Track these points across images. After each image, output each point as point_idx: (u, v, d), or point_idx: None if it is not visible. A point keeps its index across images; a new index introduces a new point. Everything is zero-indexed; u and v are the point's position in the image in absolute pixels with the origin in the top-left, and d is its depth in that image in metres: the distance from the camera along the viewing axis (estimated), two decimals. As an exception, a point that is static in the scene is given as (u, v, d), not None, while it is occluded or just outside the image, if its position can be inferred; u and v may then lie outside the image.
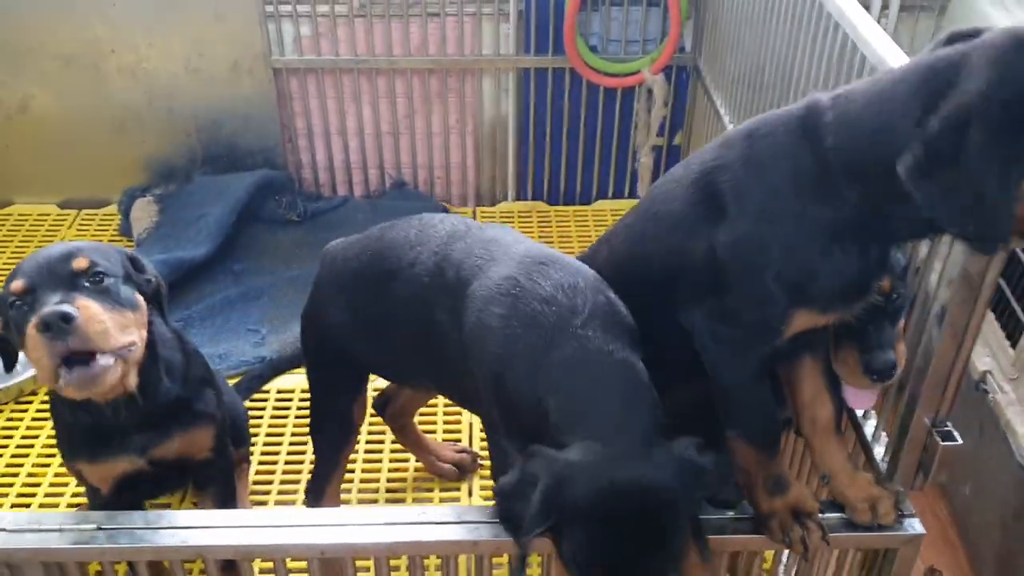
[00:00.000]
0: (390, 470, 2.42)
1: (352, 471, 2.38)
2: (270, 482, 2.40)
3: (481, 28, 3.20)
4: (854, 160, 1.34)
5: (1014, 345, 2.36)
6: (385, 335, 1.79)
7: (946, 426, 1.55)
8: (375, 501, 2.35)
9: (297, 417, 2.57)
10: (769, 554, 2.13)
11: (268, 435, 2.52)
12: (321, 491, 2.07)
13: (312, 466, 2.11)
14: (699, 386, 1.54)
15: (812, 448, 1.64)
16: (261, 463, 2.44)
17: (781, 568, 2.11)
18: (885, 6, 3.20)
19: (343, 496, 2.23)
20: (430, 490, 2.37)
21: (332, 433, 2.03)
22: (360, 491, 2.37)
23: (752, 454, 1.52)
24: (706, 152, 1.54)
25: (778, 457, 1.53)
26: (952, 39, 1.33)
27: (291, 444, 2.50)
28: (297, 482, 2.39)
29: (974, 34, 1.31)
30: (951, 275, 1.41)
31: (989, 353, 2.47)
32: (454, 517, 1.56)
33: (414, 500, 2.34)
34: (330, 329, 1.90)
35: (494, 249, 1.59)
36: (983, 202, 1.22)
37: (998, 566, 2.51)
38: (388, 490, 2.38)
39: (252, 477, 2.40)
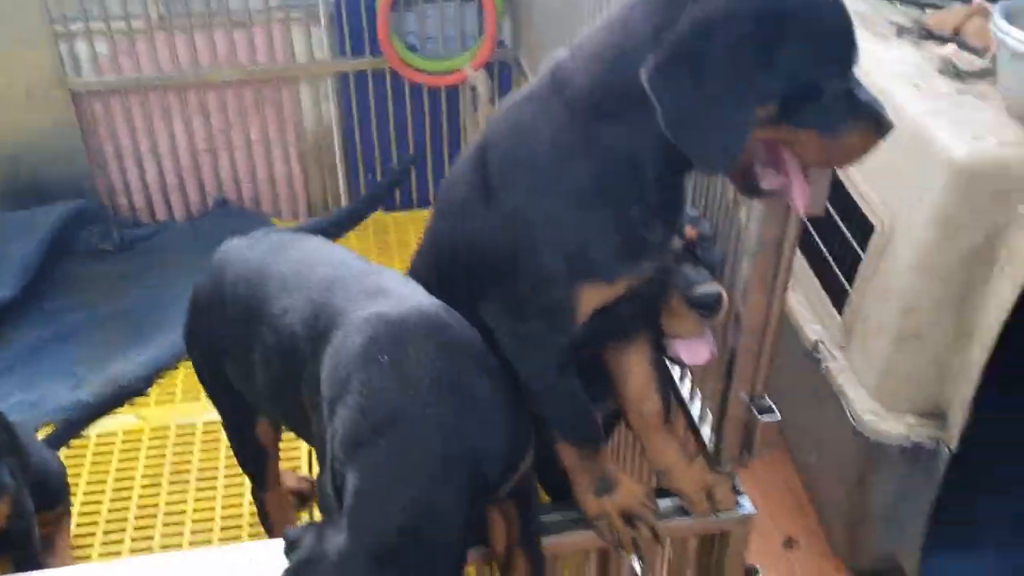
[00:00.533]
0: (223, 506, 2.29)
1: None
2: (92, 533, 2.23)
3: (291, 34, 3.08)
4: (599, 95, 1.30)
5: (841, 311, 2.40)
6: (245, 368, 1.65)
7: (764, 400, 1.53)
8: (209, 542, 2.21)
9: (120, 461, 2.41)
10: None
11: (89, 483, 2.35)
12: (263, 512, 2.00)
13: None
14: None
15: (643, 443, 1.60)
16: (83, 514, 2.27)
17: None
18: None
19: (175, 539, 2.11)
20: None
21: (247, 455, 1.94)
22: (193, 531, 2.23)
23: (572, 453, 1.46)
24: (484, 129, 1.48)
25: (601, 456, 1.48)
26: None
27: (114, 491, 2.33)
28: (123, 530, 2.23)
29: None
30: (750, 248, 1.39)
31: (818, 321, 2.51)
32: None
33: (250, 536, 2.22)
34: (208, 353, 1.78)
35: (381, 303, 1.42)
36: (714, 118, 1.20)
37: (846, 530, 2.55)
38: (223, 528, 2.25)
39: (74, 529, 2.22)
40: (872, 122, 1.29)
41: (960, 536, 2.57)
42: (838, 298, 2.43)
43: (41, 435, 2.40)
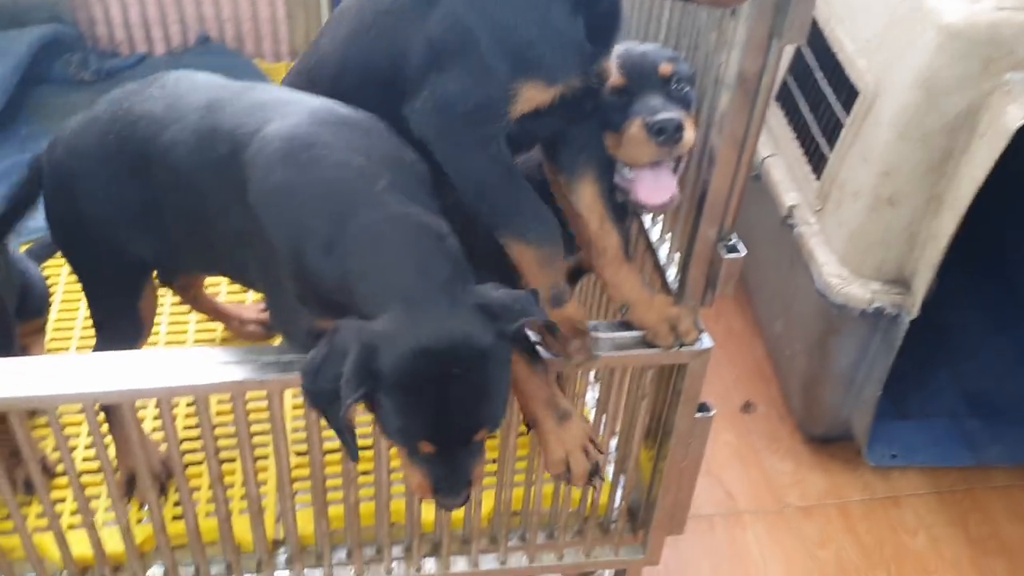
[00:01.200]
0: (195, 341, 2.31)
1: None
2: (66, 349, 2.26)
3: None
4: None
5: (819, 177, 2.41)
6: (154, 226, 1.57)
7: (731, 239, 1.55)
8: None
9: (94, 283, 2.42)
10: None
11: (64, 302, 2.36)
12: None
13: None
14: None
15: (605, 280, 1.62)
16: (55, 330, 2.29)
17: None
18: None
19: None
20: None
21: (120, 335, 1.76)
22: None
23: (530, 256, 1.46)
24: None
25: (559, 261, 1.49)
26: None
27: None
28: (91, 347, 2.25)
29: None
30: (729, 80, 1.39)
31: (796, 187, 2.52)
32: (237, 358, 1.49)
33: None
34: (90, 223, 1.64)
35: (271, 112, 1.39)
36: None
37: (803, 394, 2.62)
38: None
39: (48, 343, 2.25)
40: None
41: (913, 404, 2.65)
42: (818, 164, 2.44)
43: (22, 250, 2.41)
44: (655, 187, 1.55)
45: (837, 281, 2.28)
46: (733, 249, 1.54)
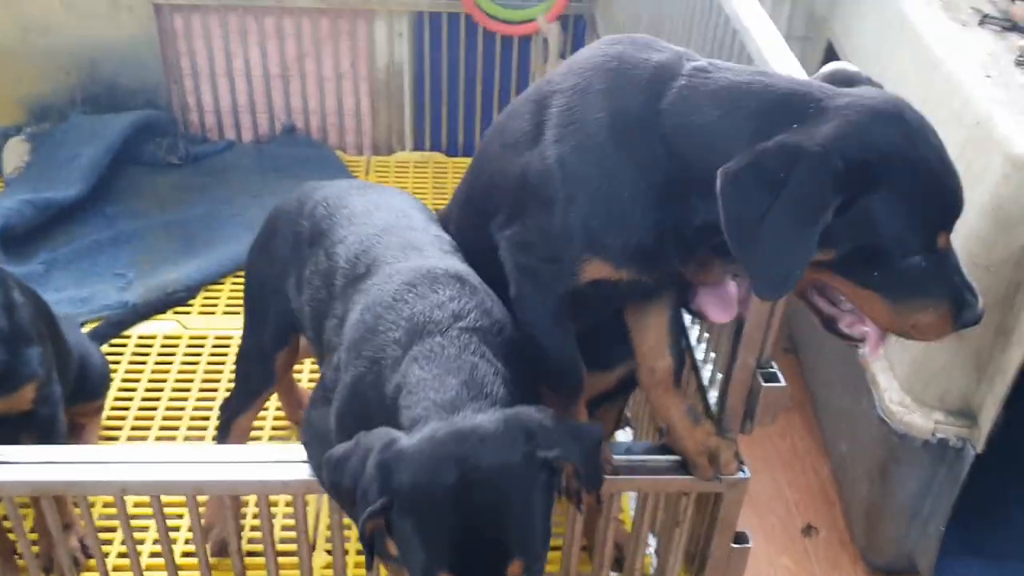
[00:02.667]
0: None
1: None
2: (120, 428, 2.31)
3: (372, -31, 3.10)
4: (680, 137, 1.30)
5: (884, 299, 2.34)
6: (301, 289, 1.73)
7: (771, 367, 1.52)
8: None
9: (156, 364, 2.49)
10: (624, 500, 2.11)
11: (124, 381, 2.43)
12: (227, 426, 1.99)
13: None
14: None
15: (650, 400, 1.60)
16: (112, 410, 2.36)
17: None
18: None
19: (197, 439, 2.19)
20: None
21: (252, 373, 1.94)
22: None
23: (550, 398, 1.47)
24: (555, 72, 1.47)
25: (577, 406, 1.49)
26: (836, 76, 1.37)
27: (146, 391, 2.41)
28: (148, 428, 2.31)
29: (857, 79, 1.36)
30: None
31: (861, 309, 2.45)
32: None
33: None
34: (271, 273, 1.82)
35: (402, 255, 1.53)
36: (779, 242, 1.19)
37: (866, 522, 2.51)
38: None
39: (104, 422, 2.31)
40: (950, 308, 1.28)
41: (981, 542, 2.51)
42: (883, 288, 2.37)
43: (87, 329, 2.50)
44: (719, 302, 1.51)
45: (898, 408, 2.20)
46: (772, 378, 1.51)
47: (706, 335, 1.76)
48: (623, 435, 2.25)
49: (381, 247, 1.54)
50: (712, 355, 1.71)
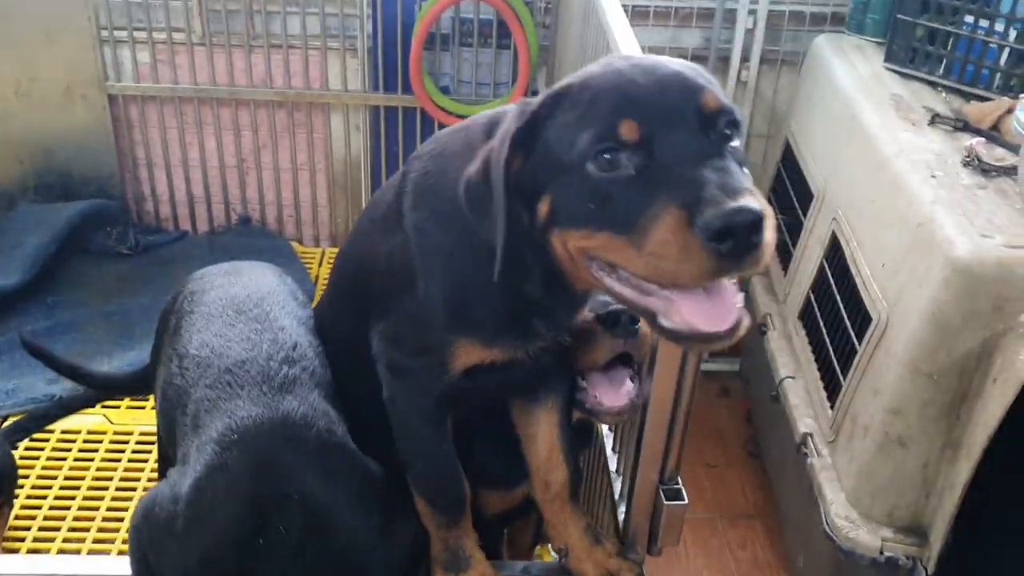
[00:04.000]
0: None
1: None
2: (28, 528, 2.20)
3: (327, 62, 3.09)
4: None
5: (833, 406, 2.24)
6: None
7: (676, 484, 1.41)
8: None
9: (76, 460, 2.38)
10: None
11: (39, 477, 2.33)
12: None
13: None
14: None
15: (546, 518, 1.48)
16: (23, 507, 2.24)
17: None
18: (746, 58, 3.14)
19: (105, 545, 2.13)
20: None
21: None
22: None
23: (430, 516, 1.36)
24: (415, 155, 1.41)
25: (460, 525, 1.37)
26: None
27: (61, 489, 2.30)
28: (58, 528, 2.20)
29: None
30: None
31: (812, 414, 2.35)
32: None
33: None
34: (157, 358, 1.79)
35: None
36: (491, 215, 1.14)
37: (821, 641, 2.35)
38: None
39: (11, 521, 2.19)
40: (679, 212, 0.99)
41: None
42: (833, 391, 2.27)
43: (9, 423, 2.41)
44: (612, 388, 1.42)
45: (845, 524, 2.07)
46: (676, 496, 1.40)
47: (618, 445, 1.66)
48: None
49: (213, 385, 1.41)
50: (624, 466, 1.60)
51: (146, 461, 2.39)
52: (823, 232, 2.49)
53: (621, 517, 1.52)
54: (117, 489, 2.31)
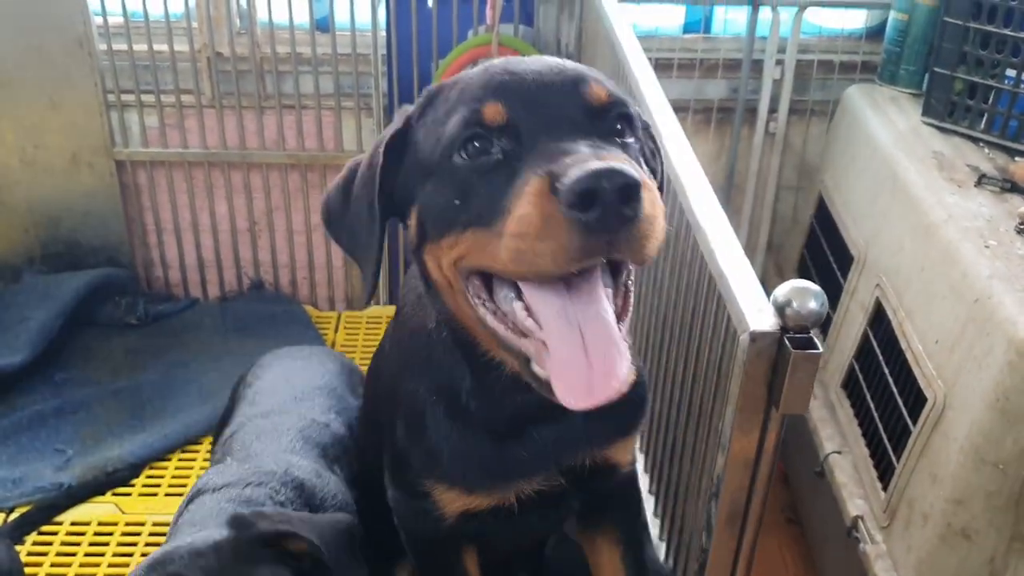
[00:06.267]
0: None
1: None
2: (38, 635, 2.08)
3: (341, 122, 2.99)
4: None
5: (886, 487, 2.11)
6: None
7: (742, 617, 1.29)
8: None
9: (87, 555, 2.26)
10: None
11: (48, 575, 2.21)
12: None
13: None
14: None
15: None
16: (33, 612, 2.13)
17: None
18: (774, 108, 3.04)
19: None
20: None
21: None
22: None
23: None
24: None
25: None
26: None
27: (71, 589, 2.18)
28: (67, 637, 2.08)
29: None
30: (724, 443, 1.16)
31: (862, 494, 2.22)
32: None
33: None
34: None
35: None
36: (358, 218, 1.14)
37: None
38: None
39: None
40: (541, 181, 0.88)
41: None
42: (885, 470, 2.15)
43: (16, 515, 2.30)
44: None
45: (905, 619, 1.94)
46: (743, 630, 1.27)
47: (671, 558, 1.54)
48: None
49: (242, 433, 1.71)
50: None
51: (160, 554, 2.26)
52: (866, 298, 2.38)
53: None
54: (129, 587, 2.18)
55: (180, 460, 2.53)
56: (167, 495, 2.43)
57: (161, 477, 2.49)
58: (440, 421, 1.15)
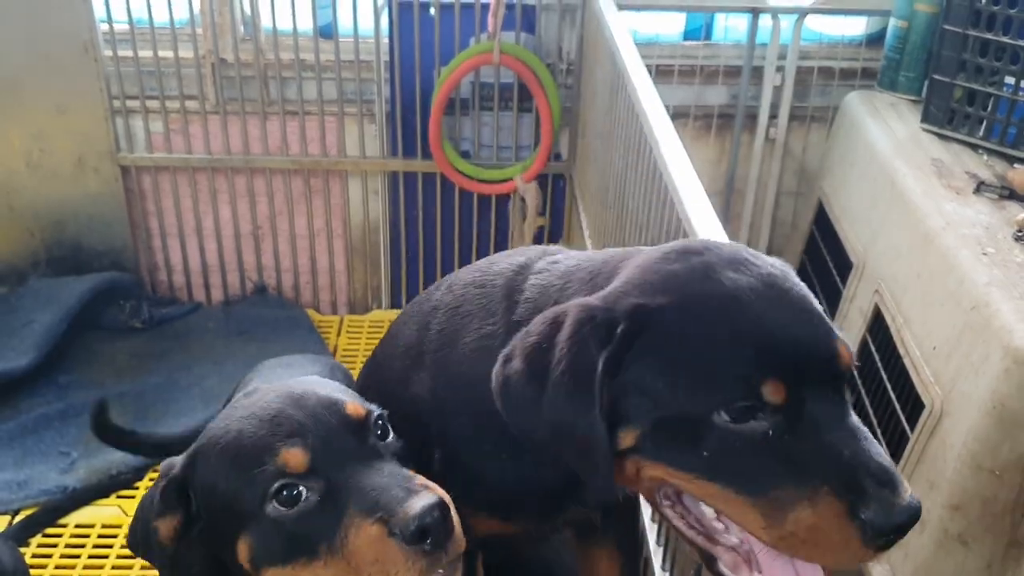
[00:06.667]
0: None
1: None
2: (39, 638, 2.10)
3: (344, 128, 3.01)
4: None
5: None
6: None
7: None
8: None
9: (90, 558, 2.28)
10: None
11: (51, 578, 2.22)
12: None
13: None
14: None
15: None
16: (38, 613, 2.15)
17: None
18: (774, 115, 3.05)
19: None
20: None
21: None
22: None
23: None
24: (436, 288, 1.37)
25: None
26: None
27: (75, 591, 2.20)
28: (70, 640, 2.10)
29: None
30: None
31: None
32: None
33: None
34: None
35: None
36: (562, 423, 0.98)
37: None
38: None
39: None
40: (838, 500, 0.89)
41: None
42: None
43: (21, 517, 2.32)
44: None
45: (902, 625, 1.95)
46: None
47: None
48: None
49: None
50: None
51: (163, 557, 2.28)
52: (865, 304, 2.39)
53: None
54: (133, 590, 2.21)
55: (183, 463, 2.55)
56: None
57: (164, 480, 2.50)
58: (489, 461, 1.17)
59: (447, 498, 1.01)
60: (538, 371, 0.98)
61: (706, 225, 1.35)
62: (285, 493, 1.04)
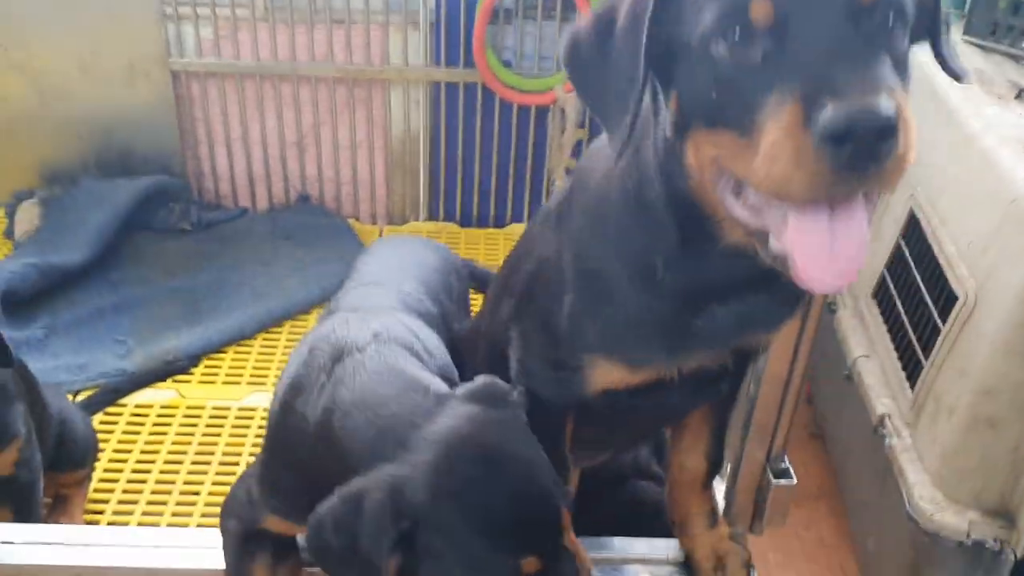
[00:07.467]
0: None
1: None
2: (107, 500, 2.21)
3: (389, 37, 3.07)
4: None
5: (913, 385, 2.20)
6: None
7: (783, 463, 1.39)
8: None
9: (151, 434, 2.39)
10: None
11: (115, 451, 2.34)
12: None
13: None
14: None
15: (672, 497, 1.47)
16: (102, 480, 2.26)
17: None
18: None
19: (183, 519, 2.14)
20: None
21: None
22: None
23: None
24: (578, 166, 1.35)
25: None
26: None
27: (136, 463, 2.31)
28: (135, 502, 2.21)
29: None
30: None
31: (889, 394, 2.31)
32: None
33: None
34: None
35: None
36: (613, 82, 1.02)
37: (896, 624, 2.32)
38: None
39: (91, 494, 2.21)
40: (794, 108, 0.84)
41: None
42: (913, 371, 2.23)
43: (83, 396, 2.43)
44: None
45: (929, 506, 2.04)
46: (784, 474, 1.38)
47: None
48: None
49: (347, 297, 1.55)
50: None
51: (219, 435, 2.40)
52: (899, 210, 2.45)
53: (720, 494, 1.50)
54: (192, 463, 2.32)
55: (236, 353, 2.65)
56: (224, 383, 2.56)
57: (218, 367, 2.62)
58: (625, 291, 1.14)
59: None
60: (604, 26, 1.04)
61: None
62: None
